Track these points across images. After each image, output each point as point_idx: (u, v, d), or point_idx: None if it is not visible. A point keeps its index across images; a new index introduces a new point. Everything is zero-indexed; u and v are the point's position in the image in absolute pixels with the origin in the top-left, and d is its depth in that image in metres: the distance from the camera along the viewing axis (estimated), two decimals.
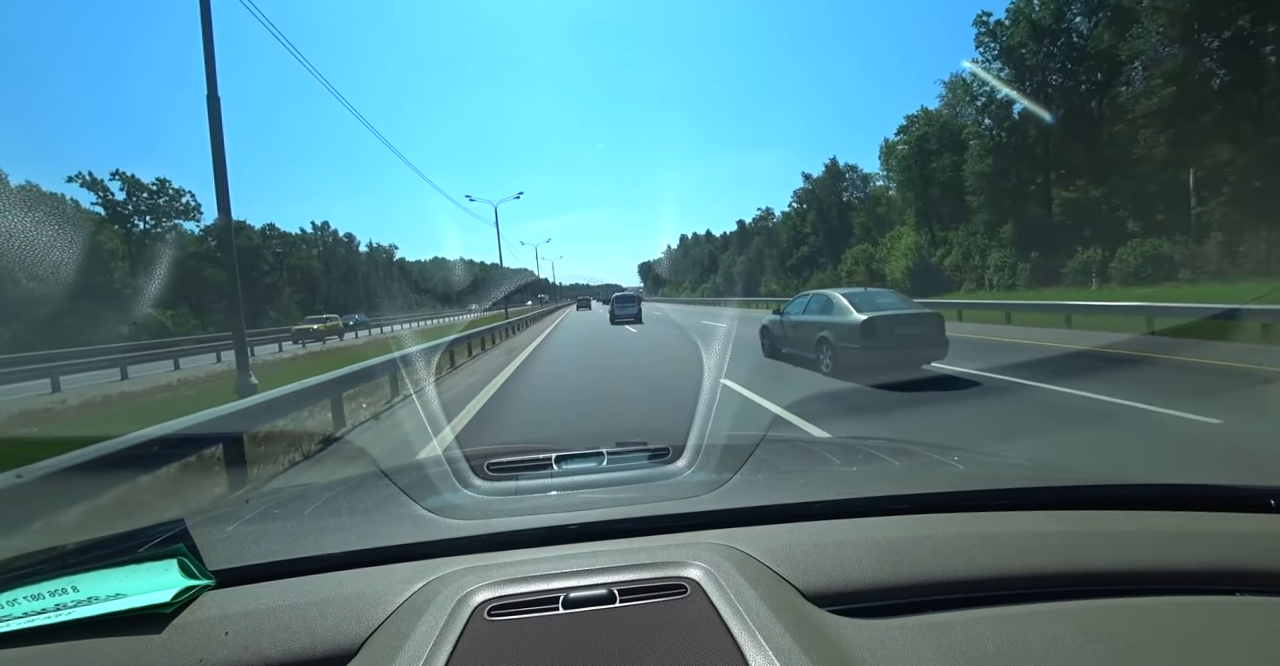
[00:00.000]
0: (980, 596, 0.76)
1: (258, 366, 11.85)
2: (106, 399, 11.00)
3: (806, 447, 1.70)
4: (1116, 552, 0.84)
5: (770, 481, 1.32)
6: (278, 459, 5.16)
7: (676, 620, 0.69)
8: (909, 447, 1.68)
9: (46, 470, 3.01)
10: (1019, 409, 5.90)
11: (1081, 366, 8.26)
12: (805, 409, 6.00)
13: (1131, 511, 0.98)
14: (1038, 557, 0.83)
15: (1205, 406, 5.29)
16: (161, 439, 3.78)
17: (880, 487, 1.17)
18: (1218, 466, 3.97)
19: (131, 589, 0.77)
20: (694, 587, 0.74)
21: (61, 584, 0.77)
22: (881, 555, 0.82)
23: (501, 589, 0.76)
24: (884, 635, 0.67)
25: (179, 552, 0.82)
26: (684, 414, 5.57)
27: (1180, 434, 4.73)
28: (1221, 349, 8.85)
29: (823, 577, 0.78)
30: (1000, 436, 4.91)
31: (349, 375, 7.08)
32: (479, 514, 1.05)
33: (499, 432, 5.94)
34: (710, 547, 0.84)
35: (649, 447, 1.49)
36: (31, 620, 0.73)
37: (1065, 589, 0.77)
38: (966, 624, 0.70)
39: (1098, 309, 14.00)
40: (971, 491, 1.10)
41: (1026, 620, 0.71)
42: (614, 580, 0.76)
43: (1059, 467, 1.83)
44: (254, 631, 0.73)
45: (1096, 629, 0.68)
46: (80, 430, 6.74)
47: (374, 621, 0.73)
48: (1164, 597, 0.75)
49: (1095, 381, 6.75)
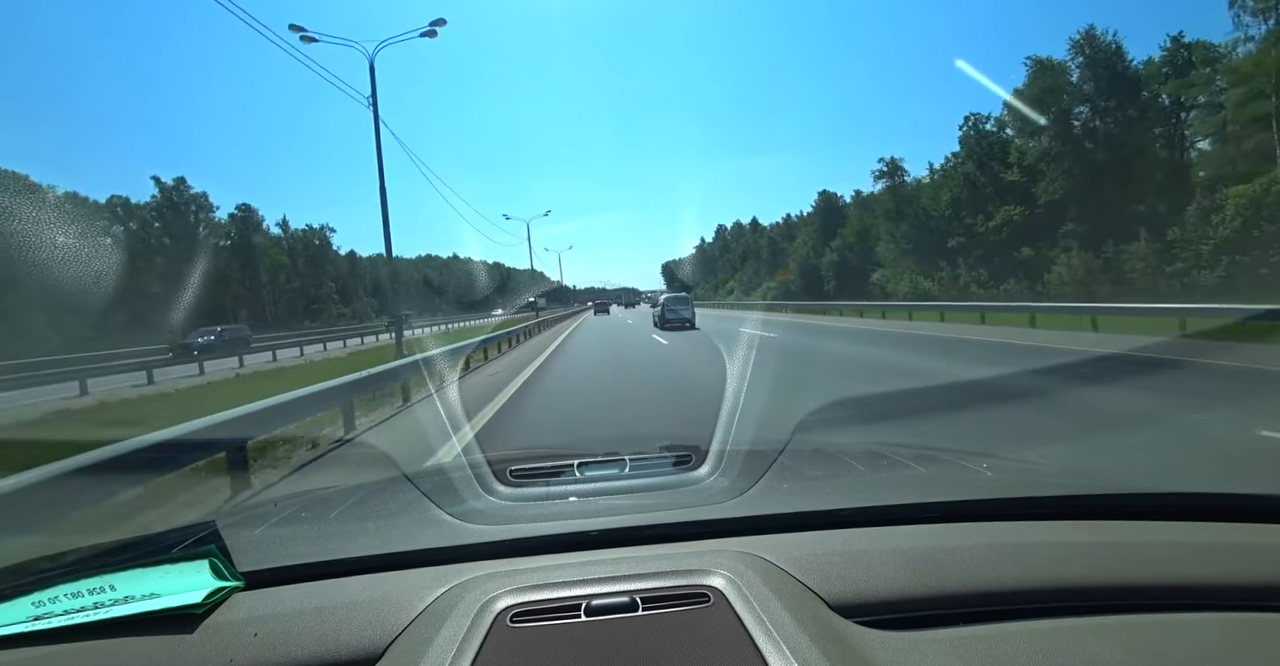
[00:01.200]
0: (1011, 609, 0.74)
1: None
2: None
3: (831, 454, 1.67)
4: (1153, 565, 0.81)
5: (794, 488, 1.30)
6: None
7: (699, 629, 0.68)
8: (936, 454, 1.64)
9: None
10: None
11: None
12: (828, 414, 5.90)
13: (1169, 522, 0.95)
14: (1071, 569, 0.80)
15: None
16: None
17: (907, 495, 1.15)
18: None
19: (165, 589, 0.79)
20: (717, 596, 0.73)
21: (99, 582, 0.79)
22: (908, 565, 0.81)
23: (524, 595, 0.76)
24: (911, 648, 0.66)
25: (210, 554, 0.84)
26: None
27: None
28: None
29: (848, 587, 0.77)
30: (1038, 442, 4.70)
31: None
32: (502, 519, 1.05)
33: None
34: (734, 555, 0.83)
35: (672, 453, 1.49)
36: (71, 618, 0.76)
37: (1100, 603, 0.75)
38: (998, 638, 0.68)
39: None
40: (1001, 499, 1.07)
41: (1062, 635, 0.68)
42: (637, 587, 0.76)
43: (1092, 475, 1.78)
44: (281, 633, 0.74)
45: (1137, 647, 0.66)
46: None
47: (398, 626, 0.74)
48: (1208, 614, 0.73)
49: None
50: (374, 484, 1.64)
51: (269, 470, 5.14)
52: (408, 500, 1.35)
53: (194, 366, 18.42)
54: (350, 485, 1.66)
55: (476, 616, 0.72)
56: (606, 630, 0.69)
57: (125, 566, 0.83)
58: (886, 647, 0.66)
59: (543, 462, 1.46)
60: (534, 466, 1.42)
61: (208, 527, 0.98)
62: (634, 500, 1.17)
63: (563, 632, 0.70)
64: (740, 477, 1.22)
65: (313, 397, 5.94)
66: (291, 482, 4.77)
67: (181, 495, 4.36)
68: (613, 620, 0.71)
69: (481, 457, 1.62)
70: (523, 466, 1.40)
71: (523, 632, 0.70)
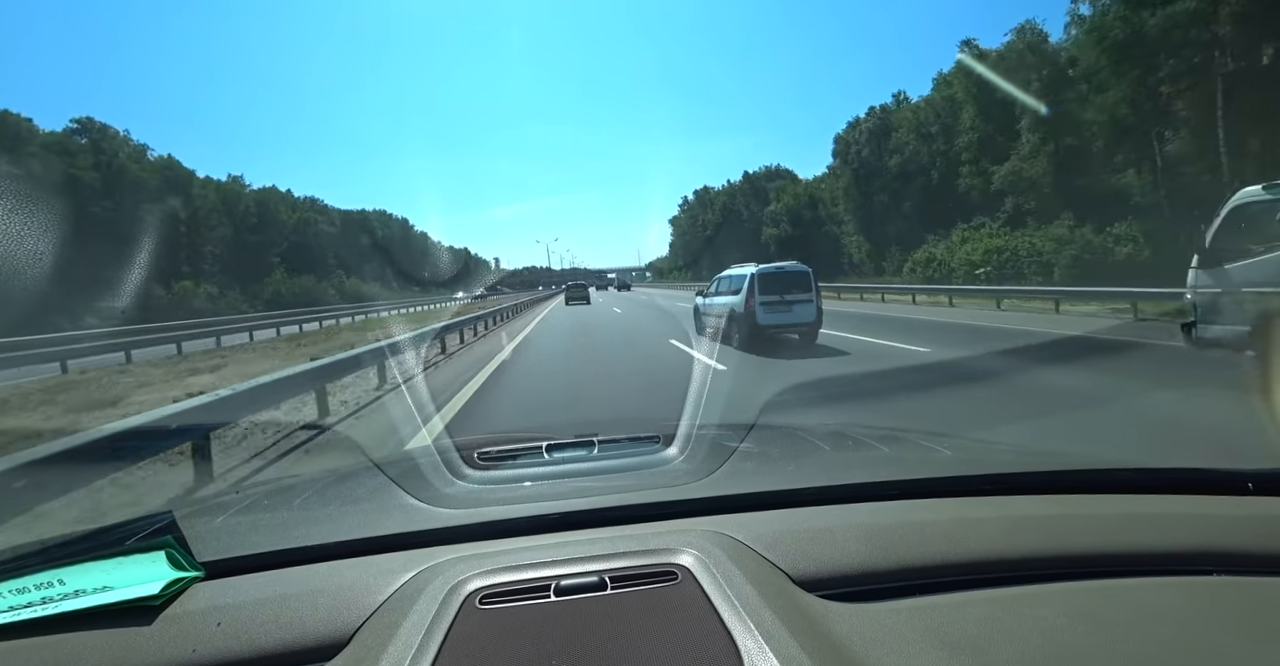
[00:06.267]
0: (967, 579, 0.77)
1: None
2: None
3: (796, 434, 1.71)
4: (1100, 535, 0.86)
5: (760, 468, 1.33)
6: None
7: (667, 606, 0.69)
8: (897, 434, 1.69)
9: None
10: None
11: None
12: (793, 395, 5.96)
13: (1115, 494, 1.00)
14: (1023, 540, 0.84)
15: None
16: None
17: (869, 474, 1.18)
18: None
19: (119, 581, 0.76)
20: (685, 574, 0.75)
21: (47, 577, 0.76)
22: (870, 540, 0.83)
23: (493, 577, 0.76)
24: (871, 618, 0.68)
25: (167, 544, 0.81)
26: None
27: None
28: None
29: (812, 563, 0.79)
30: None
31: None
32: (470, 503, 1.05)
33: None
34: (701, 534, 0.84)
35: (640, 435, 1.50)
36: (17, 614, 0.73)
37: (1051, 571, 0.78)
38: (953, 606, 0.71)
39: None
40: (958, 476, 1.11)
41: (1011, 602, 0.72)
42: (605, 567, 0.77)
43: (1045, 453, 1.86)
44: (245, 622, 0.73)
45: (1079, 610, 0.69)
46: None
47: (365, 611, 0.73)
48: (1145, 578, 0.77)
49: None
50: (339, 470, 1.61)
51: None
52: (374, 486, 1.34)
53: None
54: (315, 472, 1.63)
55: (445, 599, 0.72)
56: (575, 609, 0.70)
57: (76, 560, 0.80)
58: (847, 619, 0.68)
59: (511, 446, 1.46)
60: (503, 449, 1.42)
61: (165, 518, 0.95)
62: (602, 482, 1.17)
63: (532, 613, 0.70)
64: (707, 458, 1.24)
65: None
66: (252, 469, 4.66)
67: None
68: (582, 600, 0.72)
69: (449, 442, 1.61)
70: (491, 449, 1.40)
71: (492, 614, 0.70)
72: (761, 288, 10.39)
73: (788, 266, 10.98)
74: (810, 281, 10.62)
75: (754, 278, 10.46)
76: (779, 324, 10.42)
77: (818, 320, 10.55)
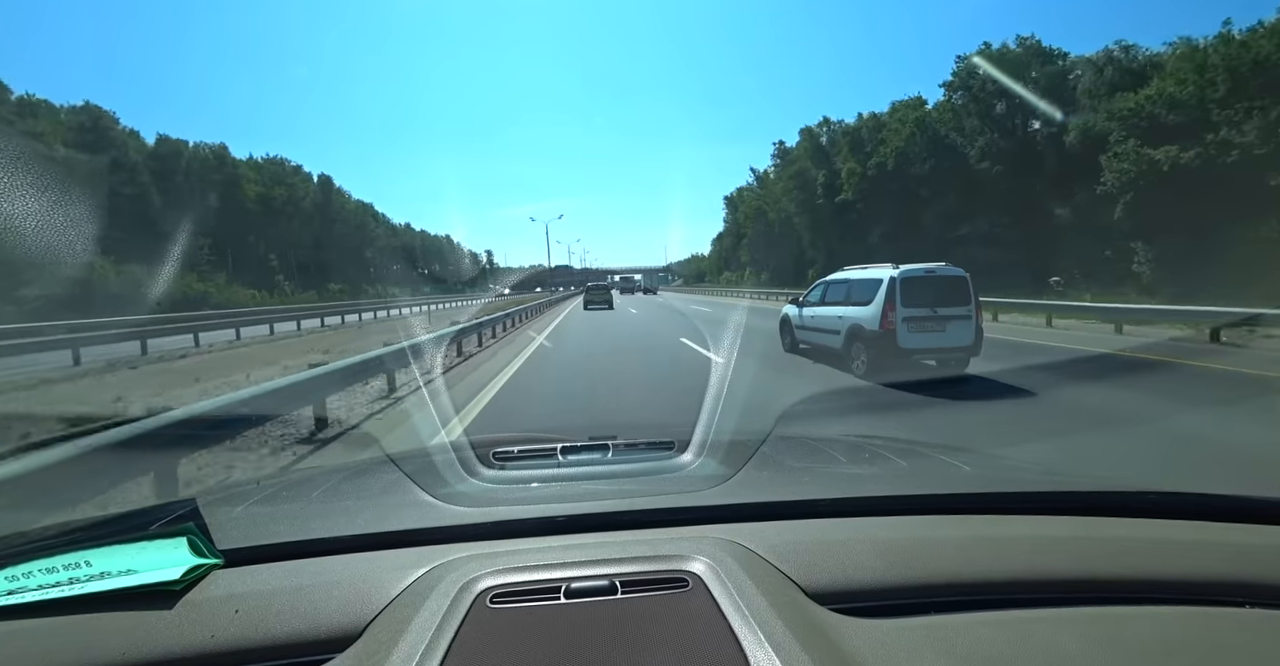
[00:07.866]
0: (984, 599, 0.76)
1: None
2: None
3: (813, 445, 1.69)
4: (1125, 560, 0.83)
5: (775, 478, 1.31)
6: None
7: (677, 613, 0.69)
8: (916, 448, 1.67)
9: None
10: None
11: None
12: (812, 405, 5.90)
13: (1142, 519, 0.97)
14: (1043, 562, 0.82)
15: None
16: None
17: (886, 487, 1.17)
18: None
19: (142, 565, 0.78)
20: (695, 581, 0.74)
21: (75, 558, 0.79)
22: (885, 555, 0.82)
23: (504, 577, 0.76)
24: (885, 635, 0.67)
25: (189, 531, 0.83)
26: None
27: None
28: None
29: (825, 575, 0.78)
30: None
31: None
32: (484, 502, 1.06)
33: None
34: (713, 542, 0.84)
35: (655, 440, 1.50)
36: (46, 592, 0.75)
37: (1071, 595, 0.76)
38: (968, 626, 0.70)
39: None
40: (977, 494, 1.09)
41: (1030, 624, 0.70)
42: (616, 571, 0.77)
43: (1071, 473, 1.81)
44: (262, 610, 0.74)
45: (1100, 636, 0.68)
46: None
47: (377, 605, 0.74)
48: (1171, 607, 0.75)
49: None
50: (357, 464, 1.63)
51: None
52: (390, 481, 1.35)
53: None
54: (333, 465, 1.65)
55: (456, 596, 0.72)
56: (585, 612, 0.70)
57: (102, 543, 0.82)
58: (859, 634, 0.67)
59: (527, 446, 1.46)
60: (518, 450, 1.43)
61: (187, 505, 0.98)
62: (616, 485, 1.17)
63: (542, 614, 0.70)
64: (722, 465, 1.23)
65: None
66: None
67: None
68: (591, 603, 0.72)
69: (465, 440, 1.62)
70: (506, 449, 1.41)
71: (502, 613, 0.70)
72: (905, 297, 7.45)
73: (939, 268, 7.83)
74: (968, 290, 7.69)
75: (895, 283, 7.52)
76: (927, 348, 7.63)
77: (976, 343, 7.63)
